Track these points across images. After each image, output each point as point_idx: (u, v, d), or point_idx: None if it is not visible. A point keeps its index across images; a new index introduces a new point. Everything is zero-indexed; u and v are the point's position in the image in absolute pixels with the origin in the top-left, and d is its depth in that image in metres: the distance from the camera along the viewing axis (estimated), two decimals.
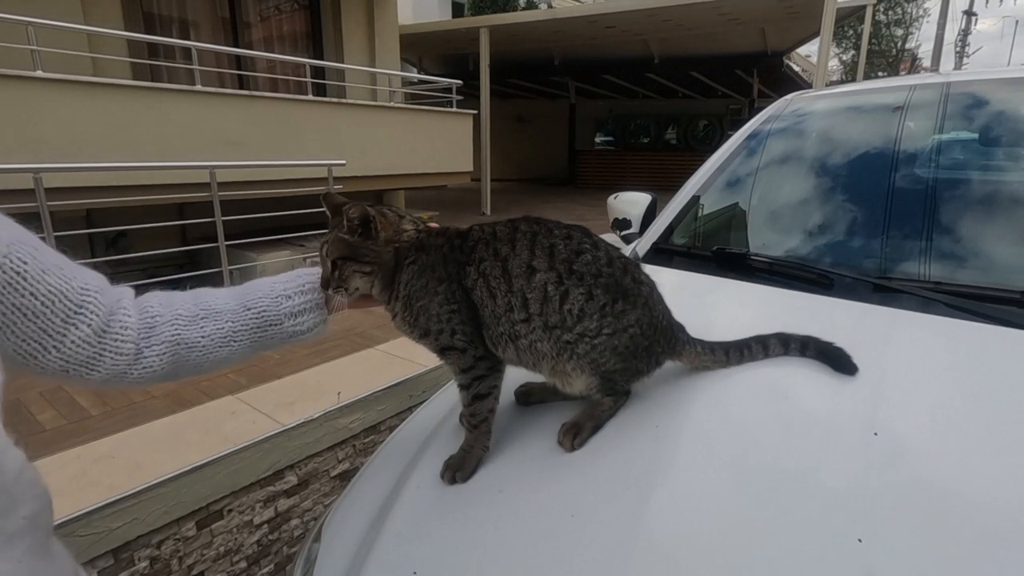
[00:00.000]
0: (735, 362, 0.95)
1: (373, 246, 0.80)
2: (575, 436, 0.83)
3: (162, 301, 0.71)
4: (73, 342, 0.59)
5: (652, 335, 0.84)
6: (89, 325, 0.60)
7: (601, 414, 0.86)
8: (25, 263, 0.55)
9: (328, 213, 0.86)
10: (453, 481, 0.82)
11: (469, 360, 0.82)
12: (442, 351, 0.84)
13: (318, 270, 0.82)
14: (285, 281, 0.80)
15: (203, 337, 0.71)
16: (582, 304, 0.79)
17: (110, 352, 0.63)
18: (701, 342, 0.93)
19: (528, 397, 0.98)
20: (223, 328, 0.72)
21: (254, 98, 5.60)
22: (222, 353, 0.72)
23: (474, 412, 0.83)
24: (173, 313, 0.70)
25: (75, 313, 0.59)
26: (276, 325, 0.76)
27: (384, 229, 0.82)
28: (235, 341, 0.73)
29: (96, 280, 0.63)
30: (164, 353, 0.67)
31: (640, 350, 0.83)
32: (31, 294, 0.55)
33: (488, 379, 0.83)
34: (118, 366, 0.63)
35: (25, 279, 0.55)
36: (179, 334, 0.69)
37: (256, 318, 0.75)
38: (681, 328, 0.91)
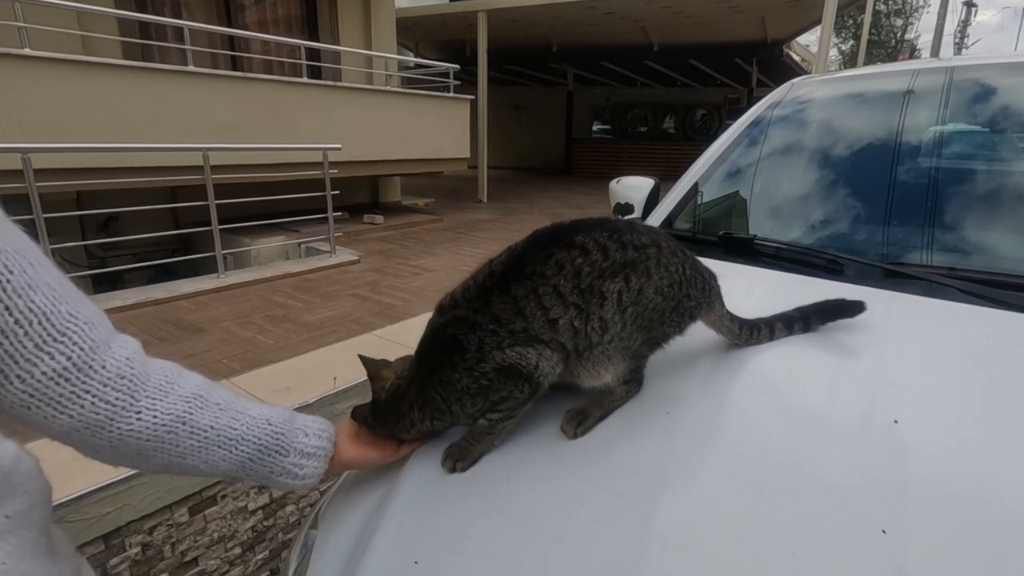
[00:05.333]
0: (748, 340, 0.94)
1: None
2: (579, 424, 0.80)
3: (183, 374, 0.64)
4: (44, 373, 0.51)
5: (677, 293, 0.82)
6: (68, 358, 0.52)
7: (610, 404, 0.83)
8: (11, 272, 0.49)
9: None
10: (453, 470, 0.79)
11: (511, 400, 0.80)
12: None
13: (334, 425, 0.79)
14: (307, 418, 0.75)
15: (211, 428, 0.63)
16: (599, 311, 0.76)
17: (91, 396, 0.54)
18: (729, 314, 0.92)
19: None
20: (236, 429, 0.65)
21: (248, 80, 5.51)
22: (214, 455, 0.64)
23: (493, 423, 0.79)
24: (192, 391, 0.63)
25: (54, 340, 0.51)
26: (281, 454, 0.70)
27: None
28: (236, 448, 0.65)
29: (89, 312, 0.56)
30: (161, 424, 0.59)
31: (668, 312, 0.82)
32: (5, 308, 0.48)
33: (516, 409, 0.80)
34: (98, 414, 0.55)
35: (3, 290, 0.48)
36: (190, 413, 0.61)
37: (270, 436, 0.68)
38: (712, 275, 0.90)
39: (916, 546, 0.56)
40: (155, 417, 0.58)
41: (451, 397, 0.77)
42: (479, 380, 0.75)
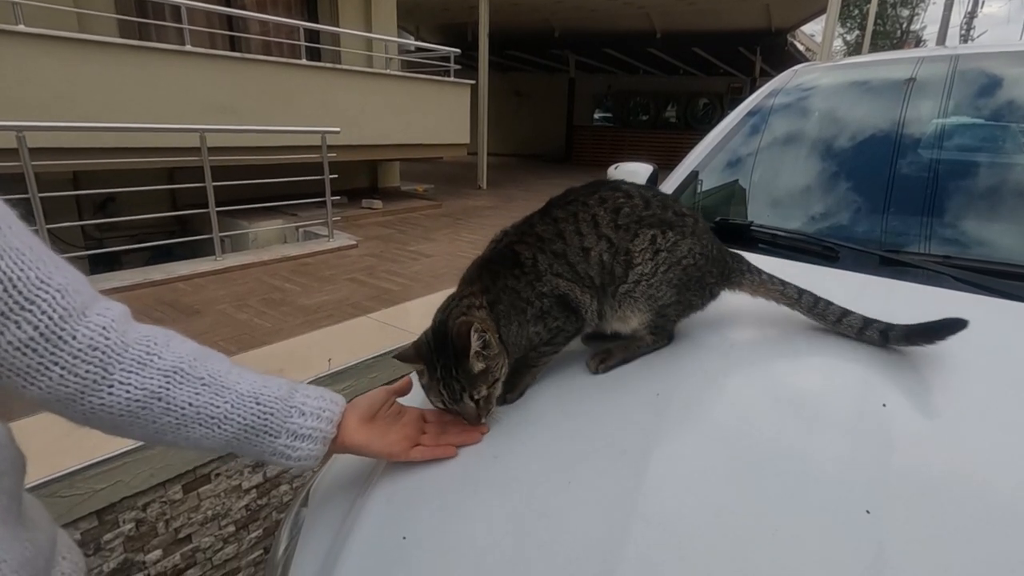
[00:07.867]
0: (806, 308, 0.89)
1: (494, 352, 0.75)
2: (602, 361, 0.85)
3: (169, 343, 0.60)
4: (10, 343, 0.48)
5: (704, 265, 0.86)
6: (35, 327, 0.49)
7: (636, 349, 0.87)
8: None
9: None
10: (504, 402, 0.81)
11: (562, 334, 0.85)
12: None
13: (343, 400, 0.72)
14: (309, 394, 0.69)
15: (190, 405, 0.59)
16: (627, 245, 0.82)
17: (60, 368, 0.51)
18: (767, 273, 0.93)
19: None
20: (218, 407, 0.61)
21: (246, 61, 5.46)
22: (194, 433, 0.60)
23: (540, 355, 0.85)
24: (174, 363, 0.58)
25: (21, 308, 0.48)
26: (270, 435, 0.65)
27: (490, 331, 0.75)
28: (219, 427, 0.61)
29: (65, 278, 0.52)
30: (135, 400, 0.55)
31: (693, 281, 0.86)
32: None
33: (563, 343, 0.86)
34: (67, 387, 0.52)
35: None
36: (167, 388, 0.57)
37: (257, 416, 0.63)
38: (738, 257, 0.93)
39: (897, 526, 0.56)
40: (128, 392, 0.55)
41: (516, 307, 0.79)
42: (540, 300, 0.80)
